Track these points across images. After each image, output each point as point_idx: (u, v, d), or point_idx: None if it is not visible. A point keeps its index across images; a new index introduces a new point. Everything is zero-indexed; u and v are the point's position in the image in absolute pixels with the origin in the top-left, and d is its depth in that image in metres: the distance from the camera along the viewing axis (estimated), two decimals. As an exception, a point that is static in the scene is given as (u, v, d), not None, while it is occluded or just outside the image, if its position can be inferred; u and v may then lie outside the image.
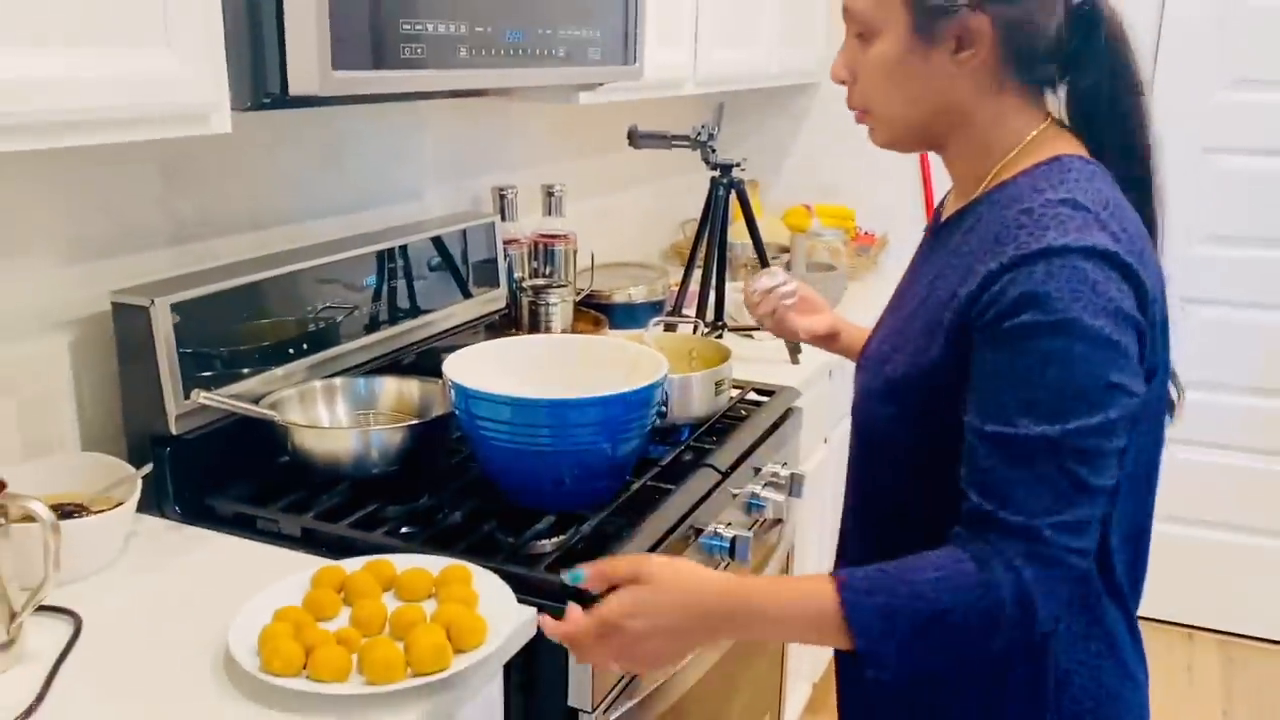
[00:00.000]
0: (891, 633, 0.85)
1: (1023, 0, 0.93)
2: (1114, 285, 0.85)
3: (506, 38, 1.35)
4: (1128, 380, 0.85)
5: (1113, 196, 0.92)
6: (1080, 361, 0.83)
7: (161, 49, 1.01)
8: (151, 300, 1.26)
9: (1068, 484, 0.84)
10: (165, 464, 1.30)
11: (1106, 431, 0.84)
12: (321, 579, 1.10)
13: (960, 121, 0.99)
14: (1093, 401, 0.84)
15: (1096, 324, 0.83)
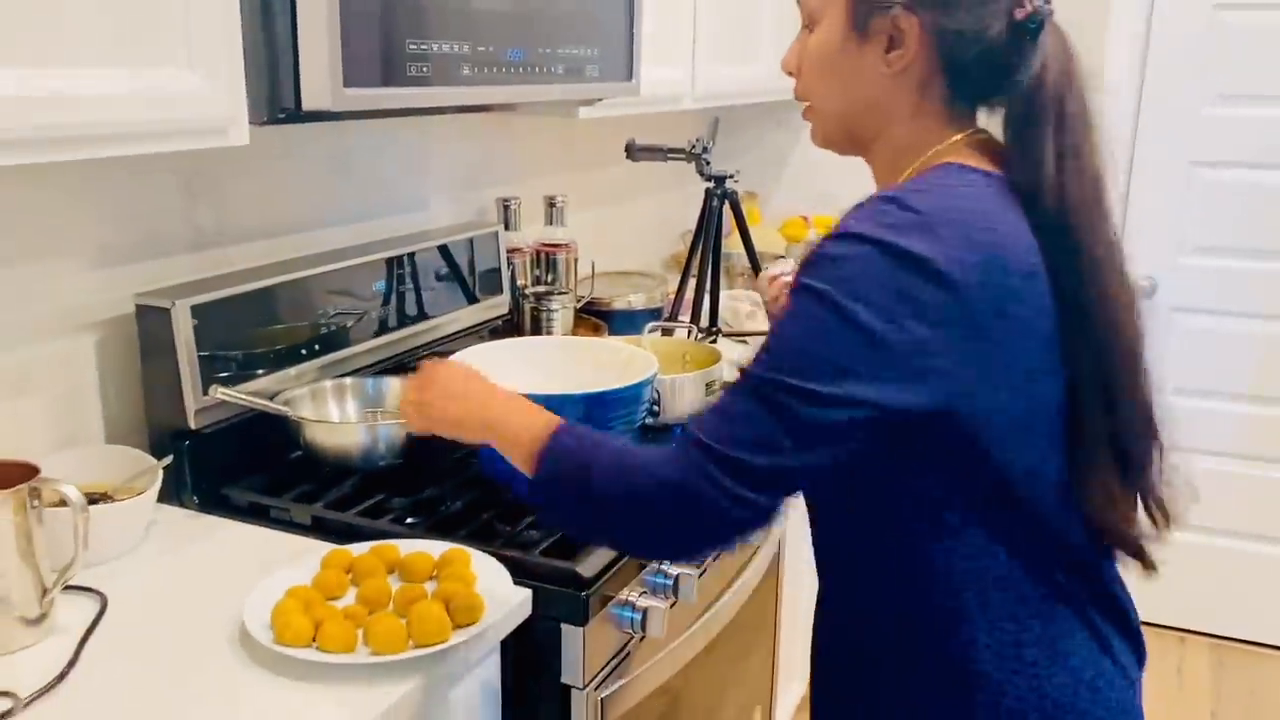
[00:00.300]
0: (561, 470, 0.95)
1: (955, 9, 0.91)
2: (901, 283, 0.83)
3: (508, 56, 1.44)
4: (863, 373, 0.83)
5: (972, 207, 0.88)
6: (821, 331, 0.84)
7: (184, 68, 1.09)
8: (172, 302, 1.34)
9: (753, 427, 0.85)
10: (184, 456, 1.38)
11: (810, 401, 0.83)
12: (330, 561, 1.18)
13: (884, 124, 0.98)
14: (810, 368, 0.83)
15: (854, 307, 0.83)
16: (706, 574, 1.50)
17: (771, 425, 0.84)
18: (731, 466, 0.84)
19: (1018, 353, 0.87)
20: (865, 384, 0.83)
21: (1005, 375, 0.87)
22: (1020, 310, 0.87)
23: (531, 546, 1.26)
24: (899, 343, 0.83)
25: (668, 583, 1.35)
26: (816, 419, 0.84)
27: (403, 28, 1.25)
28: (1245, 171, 2.73)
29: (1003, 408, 0.88)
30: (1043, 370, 0.89)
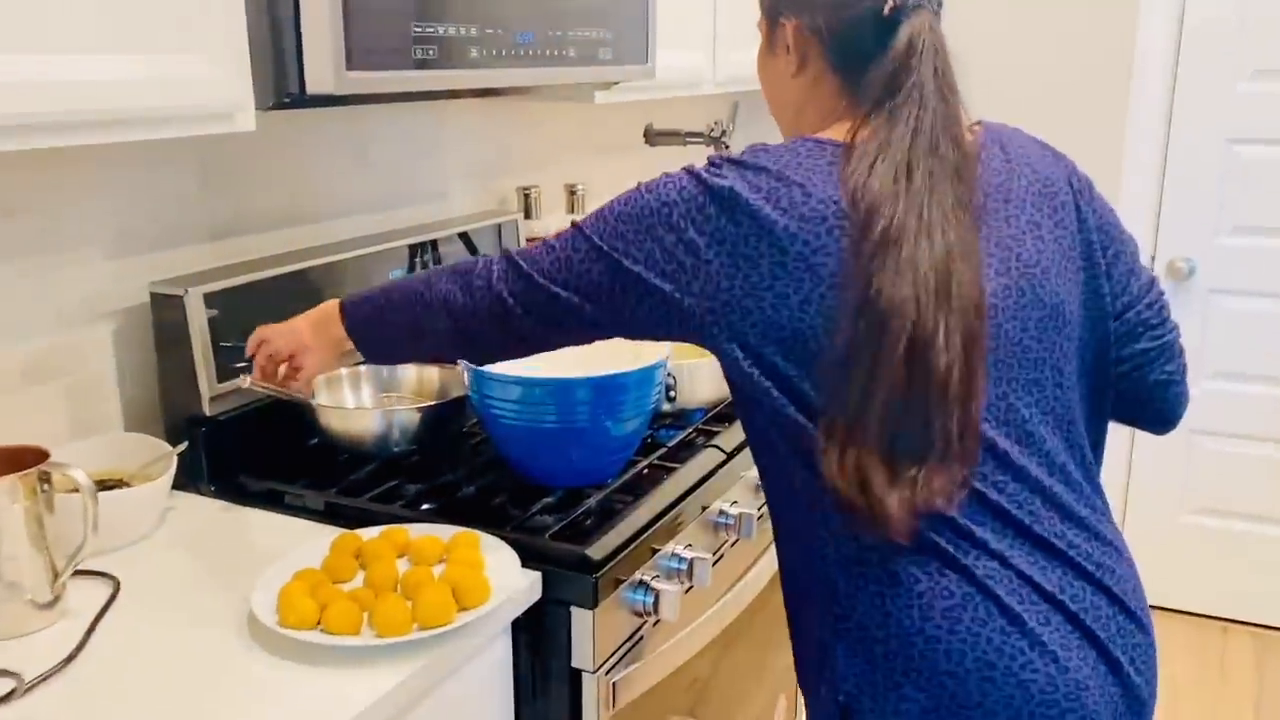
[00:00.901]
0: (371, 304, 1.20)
1: (816, 10, 1.01)
2: (687, 197, 0.97)
3: (517, 39, 1.43)
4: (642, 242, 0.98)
5: (768, 159, 0.96)
6: (620, 204, 1.01)
7: (189, 54, 1.09)
8: (186, 290, 1.35)
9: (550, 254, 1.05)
10: (200, 443, 1.39)
11: (562, 248, 1.04)
12: (340, 545, 1.18)
13: (803, 125, 1.07)
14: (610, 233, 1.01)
15: (642, 197, 1.00)
16: (723, 559, 1.49)
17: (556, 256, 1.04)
18: (507, 269, 1.07)
19: (786, 284, 0.92)
20: (587, 248, 1.02)
21: (772, 300, 0.93)
22: (794, 233, 0.92)
23: (542, 531, 1.25)
24: (658, 235, 0.98)
25: (682, 566, 1.34)
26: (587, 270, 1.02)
27: (409, 10, 1.24)
28: (1284, 149, 2.66)
29: (779, 334, 0.93)
30: (806, 299, 0.92)
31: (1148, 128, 2.76)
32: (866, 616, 0.96)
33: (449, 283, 1.11)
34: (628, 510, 1.32)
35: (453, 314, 1.10)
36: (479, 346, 1.12)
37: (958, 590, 0.93)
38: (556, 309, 1.04)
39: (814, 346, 0.93)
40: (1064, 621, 0.94)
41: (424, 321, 1.13)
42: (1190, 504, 2.95)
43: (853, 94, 1.01)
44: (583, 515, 1.32)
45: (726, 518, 1.48)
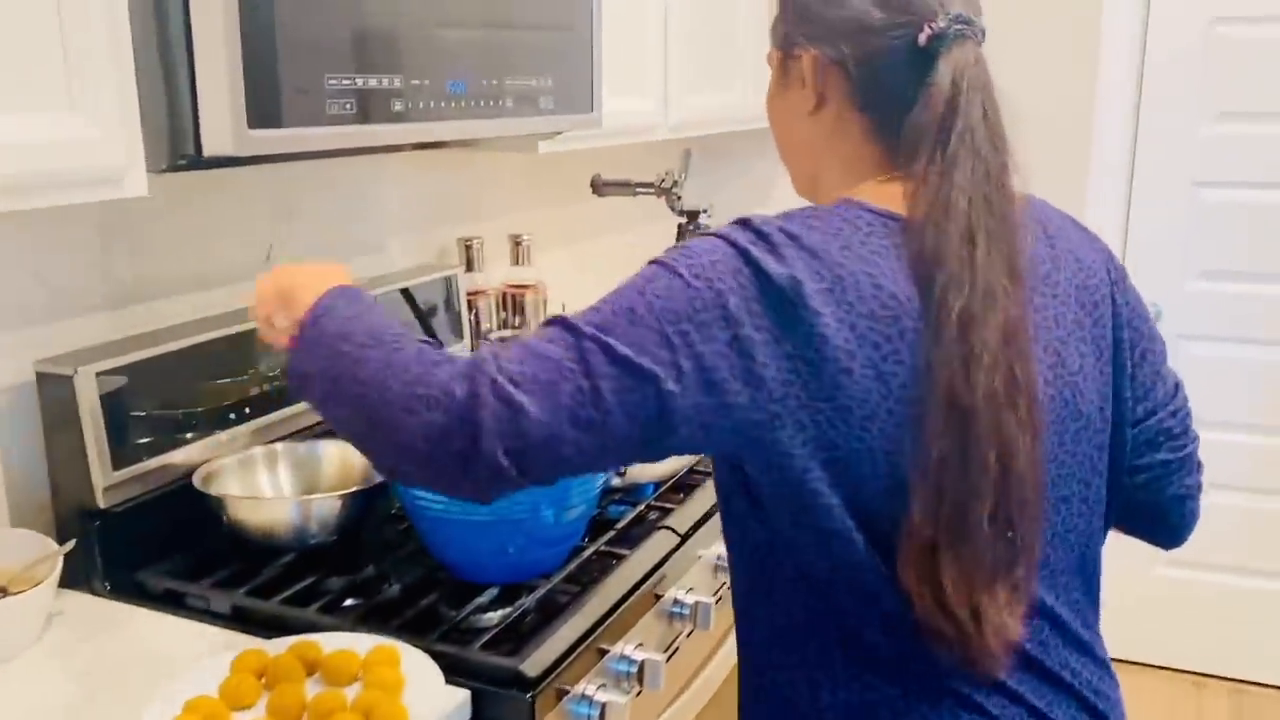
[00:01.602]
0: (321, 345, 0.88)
1: (838, 39, 0.89)
2: (742, 272, 0.80)
3: (448, 89, 1.31)
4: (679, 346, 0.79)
5: (815, 238, 0.81)
6: (633, 286, 0.82)
7: (64, 112, 0.97)
8: (75, 369, 1.21)
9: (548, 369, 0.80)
10: (94, 538, 1.25)
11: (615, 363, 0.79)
12: (241, 664, 1.04)
13: (820, 169, 0.95)
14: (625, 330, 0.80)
15: (669, 257, 0.83)
16: (678, 652, 1.36)
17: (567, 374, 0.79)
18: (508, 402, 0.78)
19: (843, 388, 0.79)
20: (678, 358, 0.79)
21: (829, 414, 0.79)
22: (860, 344, 0.79)
23: (474, 638, 1.12)
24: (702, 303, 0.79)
25: (632, 669, 1.22)
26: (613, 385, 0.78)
27: (321, 60, 1.12)
28: (1250, 192, 2.60)
29: (824, 444, 0.79)
30: (883, 419, 0.79)
31: (1111, 171, 2.70)
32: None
33: (410, 396, 0.80)
34: (572, 607, 1.19)
35: (394, 398, 0.81)
36: (409, 470, 0.84)
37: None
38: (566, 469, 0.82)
39: (867, 470, 0.79)
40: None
41: (365, 386, 0.83)
42: (1164, 556, 2.86)
43: (885, 139, 0.89)
44: (521, 615, 1.19)
45: (681, 607, 1.36)
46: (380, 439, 0.83)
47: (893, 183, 0.87)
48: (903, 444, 0.79)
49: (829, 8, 0.89)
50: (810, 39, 0.91)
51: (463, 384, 0.79)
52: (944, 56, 0.84)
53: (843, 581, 0.83)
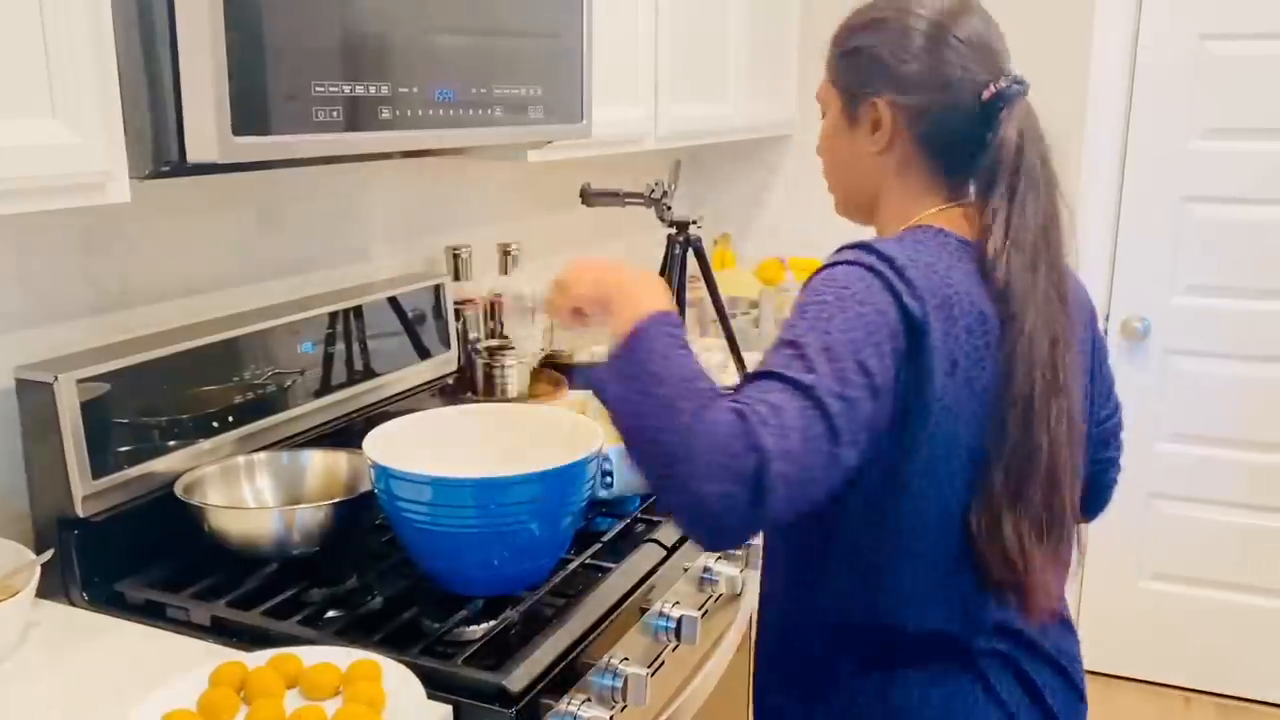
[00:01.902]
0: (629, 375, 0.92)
1: (928, 93, 1.03)
2: (863, 282, 0.95)
3: (436, 97, 1.30)
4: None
5: (932, 261, 0.98)
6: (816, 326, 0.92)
7: (46, 118, 0.96)
8: (55, 376, 1.20)
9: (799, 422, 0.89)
10: (72, 548, 1.23)
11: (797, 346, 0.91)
12: (220, 677, 1.03)
13: (879, 196, 1.10)
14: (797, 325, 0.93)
15: (827, 291, 0.95)
16: (662, 666, 1.35)
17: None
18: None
19: (948, 391, 0.96)
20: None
21: (935, 408, 0.95)
22: (960, 353, 0.96)
23: (456, 652, 1.11)
24: (864, 314, 0.93)
25: (617, 684, 1.20)
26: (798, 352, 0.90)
27: (308, 67, 1.11)
28: (1238, 207, 2.61)
29: (931, 439, 0.96)
30: (967, 414, 0.97)
31: (1101, 185, 2.70)
32: (867, 705, 1.05)
33: (713, 465, 0.84)
34: (557, 621, 1.18)
35: (677, 489, 0.86)
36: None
37: (956, 682, 1.04)
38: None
39: (955, 461, 0.98)
40: (1033, 706, 1.07)
41: (652, 454, 0.89)
42: (1149, 570, 2.87)
43: (948, 178, 1.07)
44: (505, 629, 1.17)
45: (667, 621, 1.34)
46: (675, 489, 0.86)
47: (952, 209, 1.06)
48: (982, 437, 0.97)
49: (908, 64, 1.03)
50: (889, 87, 1.04)
51: (751, 457, 0.84)
52: (1006, 111, 1.01)
53: (897, 562, 1.01)
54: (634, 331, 0.94)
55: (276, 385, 1.49)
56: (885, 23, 1.05)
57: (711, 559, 1.51)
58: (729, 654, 1.50)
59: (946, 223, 1.04)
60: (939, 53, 1.02)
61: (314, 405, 1.55)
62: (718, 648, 1.50)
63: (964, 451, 0.97)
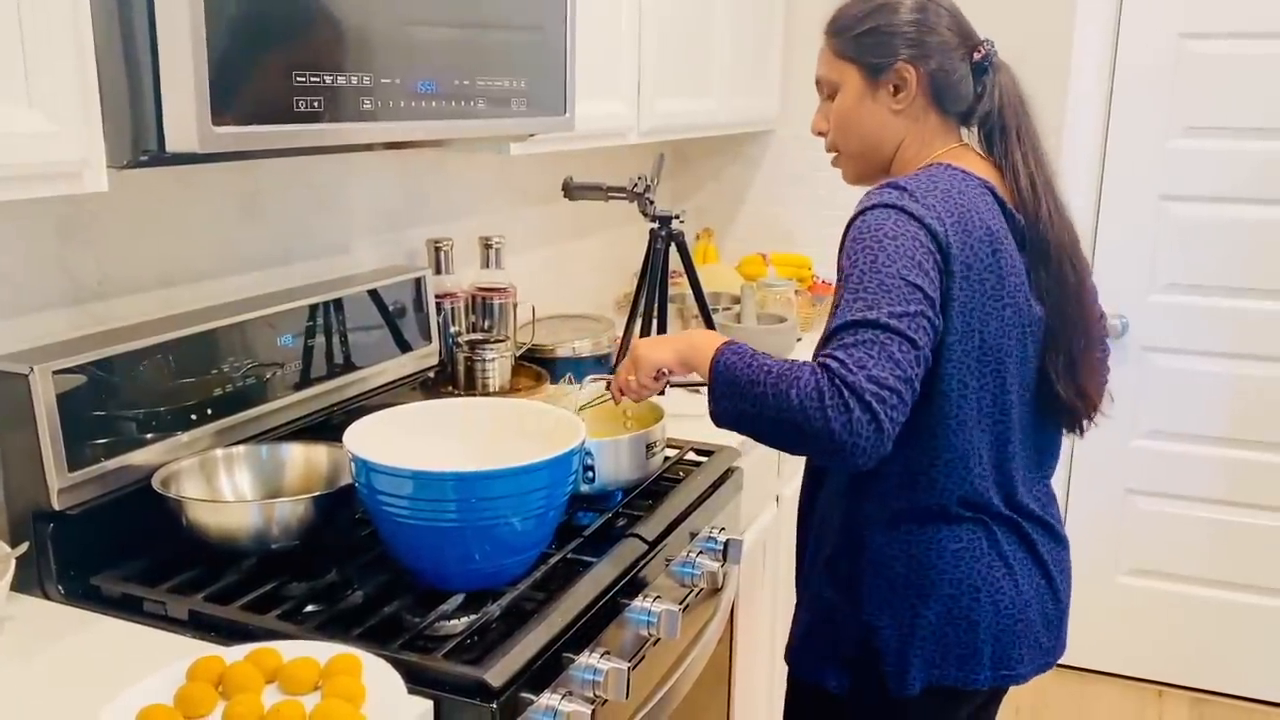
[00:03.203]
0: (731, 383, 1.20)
1: (935, 55, 1.31)
2: (909, 225, 1.19)
3: (418, 89, 1.29)
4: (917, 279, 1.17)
5: (947, 189, 1.24)
6: (872, 266, 1.18)
7: (21, 105, 0.94)
8: (30, 368, 1.18)
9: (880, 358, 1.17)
10: (47, 541, 1.22)
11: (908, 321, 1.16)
12: (198, 671, 1.02)
13: (897, 149, 1.35)
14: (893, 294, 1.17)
15: (863, 240, 1.20)
16: (642, 661, 1.35)
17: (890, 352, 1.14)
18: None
19: (981, 288, 1.23)
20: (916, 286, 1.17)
21: (973, 300, 1.23)
22: (981, 259, 1.23)
23: (437, 646, 1.10)
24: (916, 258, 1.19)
25: (599, 678, 1.20)
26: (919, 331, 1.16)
27: (288, 57, 1.10)
28: (1216, 206, 2.63)
29: (965, 329, 1.23)
30: (1009, 303, 1.26)
31: (1080, 183, 2.72)
32: (894, 558, 1.30)
33: (815, 404, 1.11)
34: (538, 615, 1.17)
35: (813, 439, 1.12)
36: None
37: (968, 538, 1.29)
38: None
39: (974, 330, 1.25)
40: (1031, 560, 1.33)
41: (782, 430, 1.15)
42: (1125, 565, 2.89)
43: (953, 125, 1.35)
44: (486, 623, 1.17)
45: (649, 616, 1.34)
46: (813, 448, 1.14)
47: (958, 148, 1.34)
48: (1028, 313, 1.28)
49: (927, 34, 1.30)
50: (912, 55, 1.30)
51: (846, 393, 1.10)
52: (990, 69, 1.33)
53: (953, 438, 1.26)
54: (714, 365, 1.22)
55: (256, 378, 1.47)
56: (892, 6, 1.31)
57: (694, 553, 1.51)
58: (710, 648, 1.50)
59: (954, 159, 1.31)
60: (938, 23, 1.30)
61: (293, 398, 1.54)
62: (698, 642, 1.50)
63: (976, 336, 1.23)
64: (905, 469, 1.27)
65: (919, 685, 1.28)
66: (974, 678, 1.28)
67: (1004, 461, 1.30)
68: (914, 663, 1.28)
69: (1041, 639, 1.33)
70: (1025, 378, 1.30)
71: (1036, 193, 1.29)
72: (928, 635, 1.28)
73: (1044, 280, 1.29)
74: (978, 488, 1.28)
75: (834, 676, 1.34)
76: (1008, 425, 1.29)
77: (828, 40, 1.37)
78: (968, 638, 1.28)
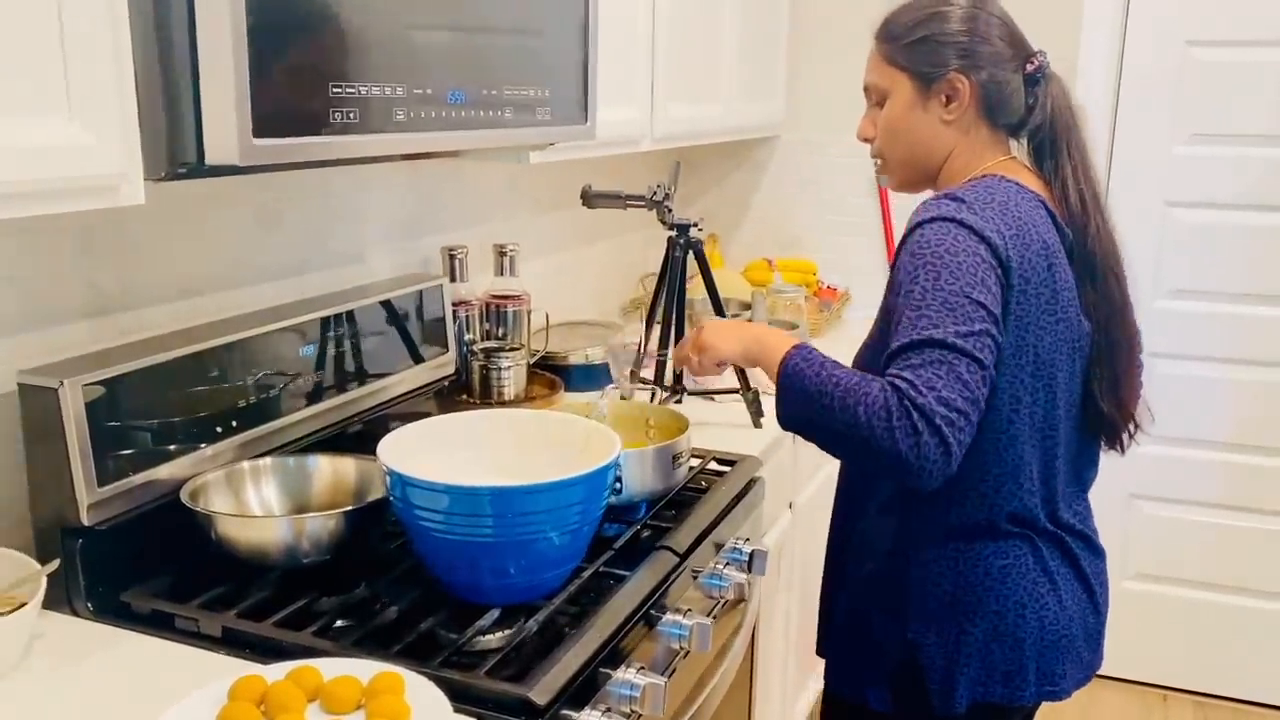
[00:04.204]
0: (799, 389, 1.22)
1: (988, 66, 1.31)
2: (969, 240, 1.19)
3: (448, 99, 1.28)
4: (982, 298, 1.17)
5: (1004, 203, 1.24)
6: (934, 287, 1.18)
7: (62, 117, 0.93)
8: (61, 381, 1.16)
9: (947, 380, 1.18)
10: (76, 557, 1.20)
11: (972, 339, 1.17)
12: (239, 691, 1.01)
13: (945, 158, 1.35)
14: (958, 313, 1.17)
15: (922, 256, 1.20)
16: (674, 675, 1.34)
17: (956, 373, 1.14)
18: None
19: (1037, 302, 1.23)
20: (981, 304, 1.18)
21: (1028, 315, 1.23)
22: (1038, 273, 1.23)
23: (477, 663, 1.09)
24: (981, 275, 1.19)
25: (635, 694, 1.19)
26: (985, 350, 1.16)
27: (326, 69, 1.09)
28: (1221, 212, 2.65)
29: (1020, 344, 1.23)
30: (1061, 318, 1.25)
31: (1086, 189, 2.72)
32: (942, 575, 1.30)
33: (883, 423, 1.12)
34: (575, 632, 1.16)
35: (878, 455, 1.13)
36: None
37: (1014, 555, 1.29)
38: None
39: (1061, 353, 1.27)
40: (1073, 575, 1.34)
41: (846, 442, 1.17)
42: (1130, 569, 2.90)
43: (1002, 138, 1.34)
44: (523, 640, 1.16)
45: (680, 629, 1.33)
46: (879, 464, 1.14)
47: (1009, 160, 1.34)
48: (1077, 328, 1.28)
49: (980, 44, 1.29)
50: (965, 65, 1.29)
51: (914, 415, 1.11)
52: (1042, 82, 1.32)
53: (1004, 453, 1.26)
54: (782, 369, 1.23)
55: (277, 389, 1.46)
56: (944, 14, 1.31)
57: (721, 564, 1.50)
58: (738, 659, 1.50)
59: (1006, 171, 1.31)
60: (990, 33, 1.30)
61: (314, 410, 1.53)
62: (727, 654, 1.49)
63: (1030, 351, 1.23)
64: (955, 484, 1.26)
65: (965, 703, 1.28)
66: (1020, 694, 1.28)
67: (1050, 477, 1.30)
68: (960, 680, 1.28)
69: (1083, 653, 1.34)
70: (1072, 393, 1.30)
71: (1085, 208, 1.29)
72: (974, 653, 1.28)
73: (1091, 295, 1.29)
74: (1026, 503, 1.28)
75: (876, 694, 1.33)
76: (1055, 440, 1.28)
77: (878, 46, 1.36)
78: (1013, 655, 1.28)
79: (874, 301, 3.05)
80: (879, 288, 3.21)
